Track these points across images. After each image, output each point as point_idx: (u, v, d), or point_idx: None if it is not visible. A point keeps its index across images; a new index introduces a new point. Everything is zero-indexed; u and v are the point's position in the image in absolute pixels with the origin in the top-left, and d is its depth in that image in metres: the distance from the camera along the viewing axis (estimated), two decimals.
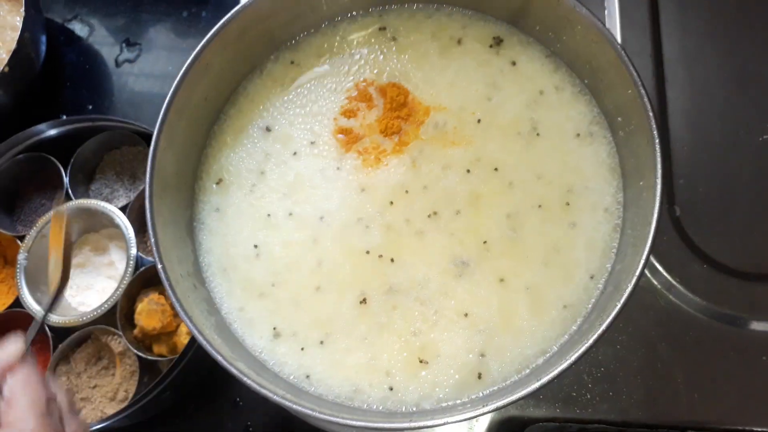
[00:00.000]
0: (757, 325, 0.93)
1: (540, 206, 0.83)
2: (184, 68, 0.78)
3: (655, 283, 0.96)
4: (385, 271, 0.82)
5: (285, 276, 0.83)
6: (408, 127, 0.88)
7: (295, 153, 0.88)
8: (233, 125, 0.90)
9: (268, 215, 0.86)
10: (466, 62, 0.89)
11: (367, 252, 0.83)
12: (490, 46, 0.89)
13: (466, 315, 0.80)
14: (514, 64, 0.88)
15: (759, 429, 0.90)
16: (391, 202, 0.85)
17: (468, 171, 0.85)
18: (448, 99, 0.88)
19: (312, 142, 0.88)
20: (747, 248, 0.97)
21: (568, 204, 0.82)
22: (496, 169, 0.85)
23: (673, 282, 0.96)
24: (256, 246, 0.85)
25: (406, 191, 0.85)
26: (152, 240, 0.73)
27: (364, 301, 0.81)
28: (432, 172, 0.86)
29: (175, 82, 0.78)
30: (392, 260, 0.83)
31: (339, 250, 0.84)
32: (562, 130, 0.85)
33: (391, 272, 0.82)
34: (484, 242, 0.82)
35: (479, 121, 0.87)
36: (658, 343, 0.94)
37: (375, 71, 0.91)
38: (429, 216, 0.84)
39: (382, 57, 0.91)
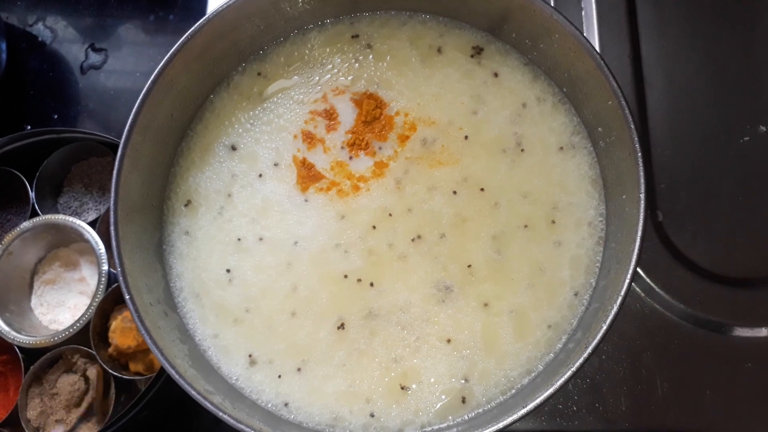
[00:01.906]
0: (740, 332, 0.93)
1: (526, 226, 0.81)
2: (146, 87, 0.75)
3: (638, 290, 0.96)
4: (364, 296, 0.80)
5: (259, 302, 0.81)
6: (390, 144, 0.85)
7: (260, 175, 0.85)
8: (200, 143, 0.88)
9: (239, 239, 0.84)
10: (449, 72, 0.87)
11: (345, 276, 0.81)
12: (471, 56, 0.87)
13: (448, 341, 0.78)
14: (496, 75, 0.86)
15: None
16: (374, 227, 0.83)
17: (454, 192, 0.83)
18: (437, 112, 0.86)
19: (276, 164, 0.86)
20: (730, 253, 0.96)
21: (553, 222, 0.81)
22: (482, 189, 0.83)
23: (657, 288, 0.95)
24: (228, 270, 0.82)
25: (390, 214, 0.83)
26: (119, 269, 0.70)
27: (342, 326, 0.79)
28: (417, 194, 0.83)
29: (138, 102, 0.75)
30: (372, 284, 0.81)
31: (315, 275, 0.82)
32: (546, 144, 0.83)
33: (371, 297, 0.80)
34: (469, 266, 0.80)
35: (466, 137, 0.85)
36: (643, 352, 0.93)
37: (350, 78, 0.88)
38: (413, 240, 0.82)
39: (357, 65, 0.88)
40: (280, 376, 0.78)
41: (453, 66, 0.87)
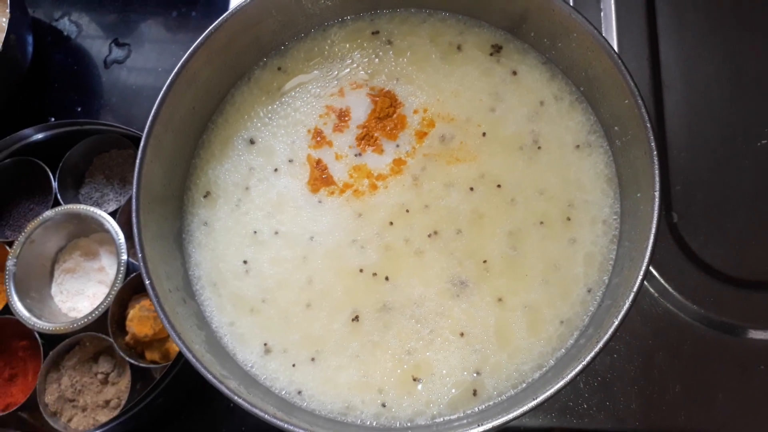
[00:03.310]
0: (754, 334, 0.93)
1: (541, 223, 0.81)
2: (169, 79, 0.77)
3: (652, 290, 0.95)
4: (378, 290, 0.81)
5: (275, 293, 0.82)
6: (407, 140, 0.86)
7: (276, 170, 0.87)
8: (220, 136, 0.89)
9: (255, 232, 0.85)
10: (468, 70, 0.88)
11: (361, 270, 0.82)
12: (491, 54, 0.87)
13: (462, 334, 0.79)
14: (515, 73, 0.87)
15: None
16: (391, 223, 0.83)
17: (471, 189, 0.84)
18: (456, 108, 0.87)
19: (290, 160, 0.87)
20: (745, 255, 0.96)
21: (569, 219, 0.81)
22: (498, 186, 0.83)
23: (670, 289, 0.95)
24: (245, 262, 0.84)
25: (407, 210, 0.84)
26: (140, 256, 0.72)
27: (356, 318, 0.80)
28: (434, 191, 0.84)
29: (161, 94, 0.76)
30: (387, 278, 0.82)
31: (330, 270, 0.82)
32: (563, 143, 0.84)
33: (386, 291, 0.81)
34: (484, 261, 0.81)
35: (484, 134, 0.85)
36: (655, 352, 0.93)
37: (369, 72, 0.89)
38: (429, 235, 0.82)
39: (377, 60, 0.89)
40: (294, 365, 0.79)
41: (472, 63, 0.88)
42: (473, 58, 0.88)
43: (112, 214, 1.05)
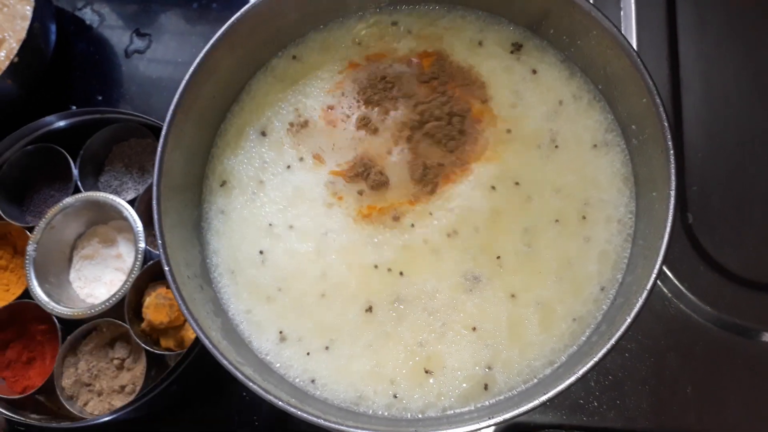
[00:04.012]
0: (767, 337, 0.92)
1: (557, 220, 0.82)
2: (191, 69, 0.78)
3: (666, 291, 0.95)
4: (393, 282, 0.82)
5: (290, 282, 0.83)
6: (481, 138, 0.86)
7: (288, 167, 0.87)
8: (236, 125, 0.90)
9: (270, 225, 0.85)
10: (493, 65, 0.88)
11: (375, 266, 0.82)
12: (511, 52, 0.87)
13: (474, 329, 0.79)
14: (534, 72, 0.87)
15: None
16: (413, 225, 0.83)
17: (493, 188, 0.83)
18: (495, 102, 0.86)
19: (301, 159, 0.87)
20: (760, 258, 0.95)
21: (584, 217, 0.81)
22: (517, 184, 0.83)
23: (684, 290, 0.94)
24: (261, 252, 0.85)
25: (430, 213, 0.84)
26: (159, 242, 0.73)
27: (369, 309, 0.81)
28: (461, 193, 0.84)
29: (183, 83, 0.77)
30: (401, 273, 0.82)
31: (345, 264, 0.83)
32: (581, 141, 0.84)
33: (400, 284, 0.82)
34: (498, 257, 0.81)
35: (509, 131, 0.85)
36: (667, 353, 0.93)
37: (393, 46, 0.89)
38: (448, 235, 0.83)
39: (396, 46, 0.89)
40: (308, 354, 0.80)
41: (495, 60, 0.88)
42: (495, 54, 0.88)
43: (131, 203, 1.06)
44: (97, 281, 1.10)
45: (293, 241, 0.84)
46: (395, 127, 0.87)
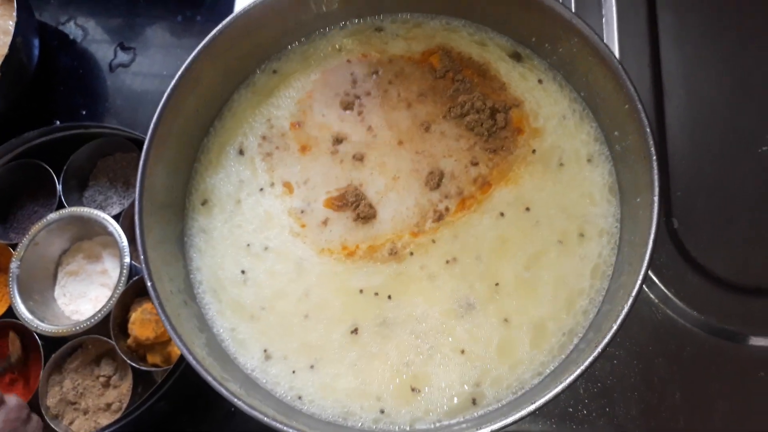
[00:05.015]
0: (754, 341, 0.92)
1: (560, 242, 0.80)
2: (172, 83, 0.77)
3: (652, 296, 0.95)
4: (380, 306, 0.81)
5: (273, 302, 0.82)
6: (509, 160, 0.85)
7: (261, 189, 0.86)
8: (217, 142, 0.89)
9: (248, 245, 0.85)
10: (507, 68, 0.87)
11: (361, 291, 0.81)
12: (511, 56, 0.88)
13: (462, 352, 0.78)
14: (540, 82, 0.86)
15: None
16: (411, 253, 0.82)
17: (502, 214, 0.82)
18: (527, 109, 0.85)
19: (272, 184, 0.86)
20: (746, 262, 0.96)
21: (582, 235, 0.80)
22: (527, 209, 0.82)
23: (670, 295, 0.95)
24: (243, 272, 0.84)
25: (433, 241, 0.82)
26: (142, 258, 0.72)
27: (355, 331, 0.80)
28: (469, 221, 0.83)
29: (164, 98, 0.77)
30: (389, 297, 0.81)
31: (327, 288, 0.82)
32: (579, 157, 0.83)
33: (387, 307, 0.80)
34: (496, 284, 0.80)
35: (534, 151, 0.84)
36: (655, 359, 0.93)
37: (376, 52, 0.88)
38: (447, 262, 0.81)
39: (385, 47, 0.89)
40: (294, 372, 0.79)
41: (505, 63, 0.88)
42: (502, 59, 0.88)
43: (116, 217, 1.05)
44: (83, 297, 1.09)
45: (272, 262, 0.84)
46: (396, 134, 0.86)
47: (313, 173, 0.86)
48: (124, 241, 1.03)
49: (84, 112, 1.25)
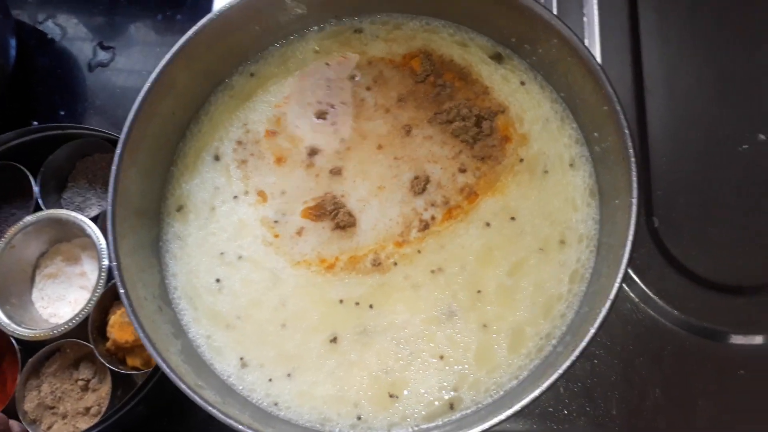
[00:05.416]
0: (735, 339, 0.93)
1: (541, 249, 0.80)
2: (148, 83, 0.76)
3: (633, 295, 0.95)
4: (360, 315, 0.80)
5: (249, 311, 0.81)
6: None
7: (235, 197, 0.85)
8: (194, 147, 0.88)
9: (222, 253, 0.84)
10: (489, 70, 0.86)
11: (341, 301, 0.80)
12: (497, 61, 0.87)
13: (441, 357, 0.78)
14: (523, 84, 0.86)
15: None
16: (395, 263, 0.81)
17: (488, 224, 0.81)
18: (513, 115, 0.84)
19: (246, 192, 0.85)
20: (726, 261, 0.96)
21: (562, 242, 0.80)
22: (513, 219, 0.81)
23: (651, 294, 0.95)
24: (218, 280, 0.83)
25: (419, 251, 0.81)
26: (114, 264, 0.71)
27: (334, 340, 0.79)
28: (455, 230, 0.82)
29: (139, 98, 0.76)
30: (371, 306, 0.80)
31: (305, 298, 0.81)
32: (562, 161, 0.83)
33: (368, 316, 0.80)
34: (479, 292, 0.79)
35: (521, 160, 0.83)
36: (636, 358, 0.93)
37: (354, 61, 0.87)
38: (432, 272, 0.80)
39: (364, 48, 0.88)
40: (270, 380, 0.79)
41: (487, 65, 0.87)
42: (485, 61, 0.87)
43: (94, 219, 1.04)
44: (61, 300, 1.08)
45: (247, 272, 0.83)
46: (374, 140, 0.85)
47: (290, 186, 0.84)
48: (102, 243, 1.02)
49: (62, 113, 1.23)
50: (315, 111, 0.87)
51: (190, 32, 0.78)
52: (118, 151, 0.75)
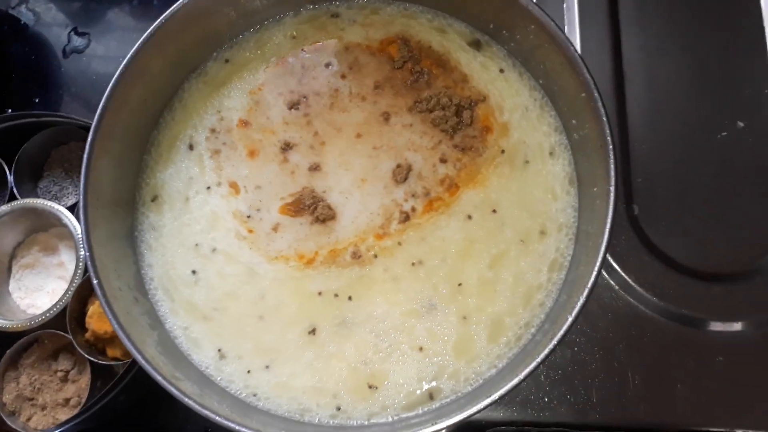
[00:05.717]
0: (713, 326, 0.93)
1: (522, 241, 0.79)
2: (120, 69, 0.75)
3: (612, 283, 0.95)
4: (339, 307, 0.79)
5: (226, 303, 0.81)
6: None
7: (208, 188, 0.84)
8: (168, 136, 0.86)
9: (196, 245, 0.83)
10: (467, 58, 0.85)
11: (320, 293, 0.80)
12: (476, 48, 0.86)
13: (421, 349, 0.77)
14: (502, 71, 0.85)
15: (716, 430, 0.90)
16: (375, 255, 0.80)
17: (469, 217, 0.81)
18: (493, 104, 0.83)
19: (218, 183, 0.84)
20: (705, 248, 0.96)
21: (542, 233, 0.79)
22: (494, 211, 0.81)
23: (631, 282, 0.95)
24: (194, 272, 0.82)
25: (399, 243, 0.81)
26: (87, 254, 0.70)
27: (313, 331, 0.79)
28: (436, 221, 0.81)
29: (111, 85, 0.75)
30: (350, 298, 0.79)
31: (282, 290, 0.80)
32: (542, 151, 0.82)
33: (347, 308, 0.79)
34: (459, 284, 0.79)
35: (503, 151, 0.82)
36: (616, 345, 0.93)
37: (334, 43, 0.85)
38: (413, 264, 0.80)
39: (341, 34, 0.86)
40: (249, 371, 0.78)
41: (466, 53, 0.86)
42: (463, 49, 0.86)
43: (71, 209, 1.03)
44: (39, 291, 1.06)
45: (222, 265, 0.82)
46: (352, 130, 0.84)
47: (264, 181, 0.83)
48: (79, 233, 1.00)
49: (37, 100, 1.21)
50: (287, 101, 0.85)
51: (162, 17, 0.77)
52: (89, 139, 0.74)
